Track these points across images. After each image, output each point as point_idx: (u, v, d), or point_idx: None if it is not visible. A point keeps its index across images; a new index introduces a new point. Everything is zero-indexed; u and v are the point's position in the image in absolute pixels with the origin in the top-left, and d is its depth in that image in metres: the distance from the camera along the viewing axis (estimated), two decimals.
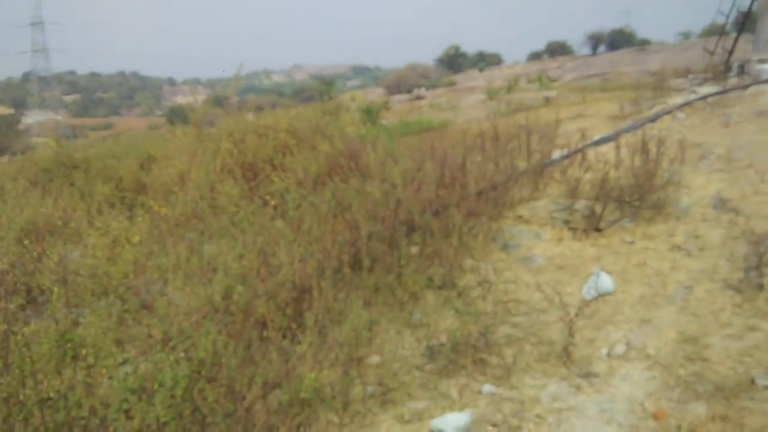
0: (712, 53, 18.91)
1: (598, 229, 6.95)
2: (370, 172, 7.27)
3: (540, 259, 6.46)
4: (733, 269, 5.57)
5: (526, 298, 5.65)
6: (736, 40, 18.92)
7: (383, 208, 6.34)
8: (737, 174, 7.80)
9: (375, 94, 35.40)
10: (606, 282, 5.61)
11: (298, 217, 6.07)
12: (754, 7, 18.02)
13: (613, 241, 6.66)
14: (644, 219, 6.99)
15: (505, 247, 6.77)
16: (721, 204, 7.03)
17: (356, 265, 5.92)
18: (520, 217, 7.39)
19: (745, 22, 18.87)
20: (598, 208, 6.99)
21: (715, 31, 24.53)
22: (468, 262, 6.37)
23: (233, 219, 6.49)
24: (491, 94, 20.50)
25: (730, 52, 18.46)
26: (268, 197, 7.43)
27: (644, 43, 48.29)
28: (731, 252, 5.91)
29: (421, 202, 6.70)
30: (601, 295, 5.55)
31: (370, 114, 16.86)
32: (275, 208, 6.99)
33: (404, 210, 6.56)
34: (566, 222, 7.11)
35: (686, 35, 47.89)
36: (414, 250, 6.37)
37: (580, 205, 7.16)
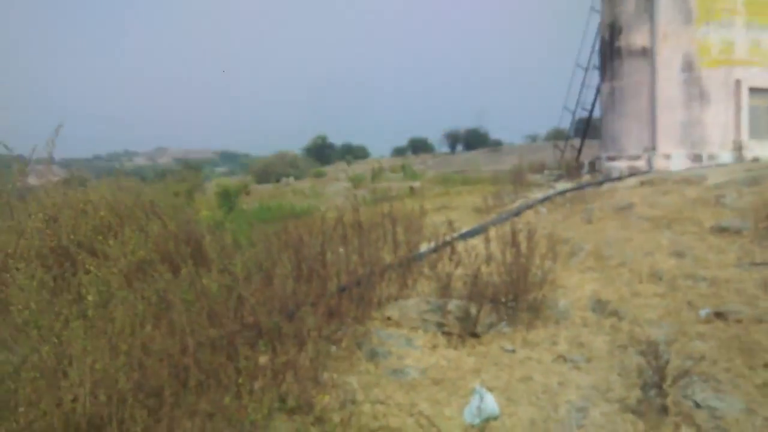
0: (562, 151, 19.82)
1: (475, 334, 6.13)
2: (210, 261, 6.02)
3: (413, 372, 5.45)
4: (628, 386, 4.87)
5: (398, 425, 4.56)
6: (584, 139, 20.04)
7: (222, 306, 5.10)
8: (611, 273, 7.43)
9: (243, 181, 34.07)
10: (490, 403, 4.69)
11: (107, 318, 4.65)
12: (596, 108, 19.14)
13: (492, 349, 5.83)
14: (523, 323, 6.29)
15: (372, 356, 5.71)
16: (600, 307, 6.51)
17: (185, 383, 4.58)
18: (389, 318, 6.42)
19: (590, 122, 20.03)
20: (473, 309, 6.20)
21: (559, 136, 26.18)
22: (329, 376, 5.22)
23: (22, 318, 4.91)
24: (356, 181, 19.99)
25: (579, 151, 19.45)
26: (85, 290, 5.90)
27: (497, 144, 51.49)
28: (622, 364, 5.27)
29: (270, 299, 5.54)
30: (486, 420, 4.60)
31: (227, 197, 15.54)
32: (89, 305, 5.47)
33: (249, 310, 5.36)
34: (440, 325, 6.23)
35: (533, 138, 51.73)
36: (263, 359, 5.15)
37: (453, 305, 6.35)
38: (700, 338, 5.39)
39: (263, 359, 5.15)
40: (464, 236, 9.02)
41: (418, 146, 58.43)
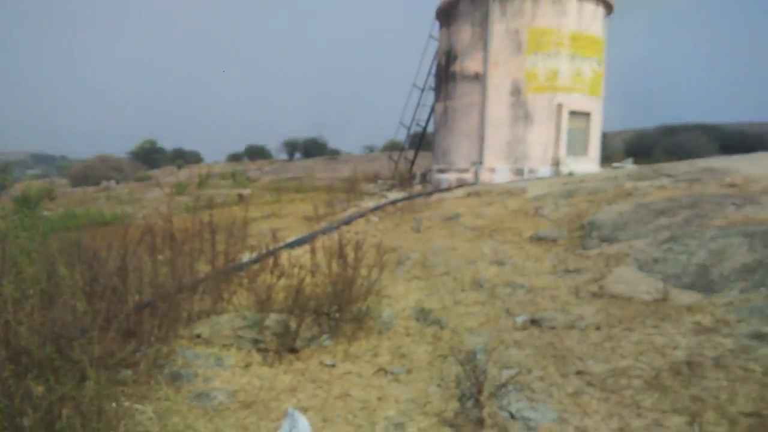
0: (396, 162, 20.18)
1: (293, 350, 5.70)
2: None
3: (220, 395, 4.90)
4: (447, 398, 4.71)
5: None
6: (417, 151, 20.62)
7: None
8: (435, 281, 7.38)
9: (58, 185, 31.01)
10: (302, 426, 4.28)
11: None
12: (431, 124, 19.84)
13: (311, 365, 5.45)
14: (345, 335, 5.98)
15: (174, 380, 5.07)
16: (423, 316, 6.38)
17: None
18: (199, 336, 5.80)
19: (423, 136, 20.71)
20: (294, 324, 5.78)
21: (395, 148, 26.81)
22: (118, 406, 4.51)
23: None
24: (180, 188, 18.79)
25: (412, 162, 19.92)
26: None
27: (335, 153, 51.83)
28: (441, 374, 5.12)
29: (51, 323, 4.72)
30: None
31: (27, 203, 13.76)
32: None
33: (23, 337, 4.51)
34: (256, 342, 5.73)
35: (371, 148, 52.73)
36: (40, 391, 4.32)
37: (272, 319, 5.88)
38: (517, 346, 5.40)
39: (41, 391, 4.35)
40: (290, 246, 8.59)
41: (255, 153, 57.15)
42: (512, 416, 4.27)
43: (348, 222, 10.82)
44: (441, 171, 18.24)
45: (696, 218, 7.97)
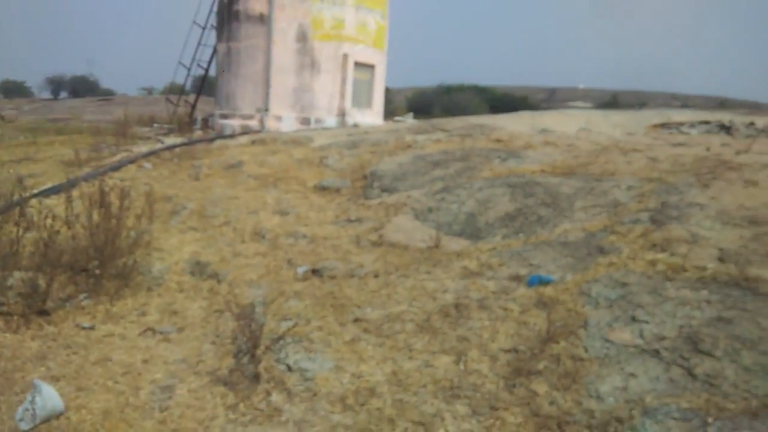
0: (176, 105, 18.87)
1: (44, 312, 4.99)
2: None
3: None
4: (222, 355, 4.45)
5: None
6: (198, 95, 19.47)
7: None
8: (214, 233, 6.97)
9: None
10: (51, 398, 3.74)
11: None
12: (213, 67, 18.75)
13: (65, 329, 4.82)
14: (107, 293, 5.40)
15: None
16: (199, 269, 6.00)
17: None
18: None
19: (205, 80, 19.53)
20: (43, 282, 5.05)
21: (175, 90, 25.13)
22: None
23: None
24: None
25: (193, 106, 18.76)
26: None
27: (109, 94, 47.36)
28: (216, 331, 4.84)
29: None
30: (47, 420, 3.65)
31: None
32: None
33: None
34: None
35: (149, 90, 49.04)
36: None
37: (16, 278, 5.08)
38: (297, 297, 5.28)
39: None
40: (43, 194, 7.53)
41: (12, 89, 50.21)
42: (289, 368, 4.15)
43: (116, 168, 9.80)
44: (224, 116, 17.41)
45: (467, 170, 8.49)
